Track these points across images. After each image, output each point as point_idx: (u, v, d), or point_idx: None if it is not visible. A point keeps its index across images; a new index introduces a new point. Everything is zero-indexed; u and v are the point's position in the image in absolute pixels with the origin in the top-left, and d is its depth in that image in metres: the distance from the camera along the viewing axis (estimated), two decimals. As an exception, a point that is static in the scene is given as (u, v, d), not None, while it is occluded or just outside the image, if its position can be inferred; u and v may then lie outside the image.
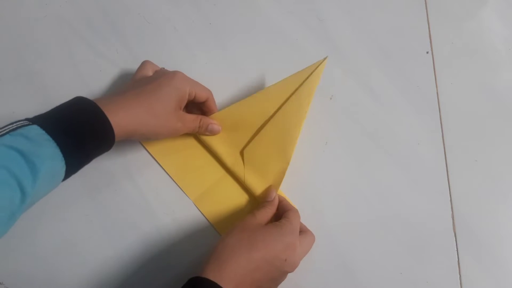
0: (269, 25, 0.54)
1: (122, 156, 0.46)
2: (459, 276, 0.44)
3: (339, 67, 0.52)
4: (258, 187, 0.45)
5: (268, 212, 0.41)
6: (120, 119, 0.37)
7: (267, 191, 0.44)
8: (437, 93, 0.52)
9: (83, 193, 0.44)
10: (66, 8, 0.52)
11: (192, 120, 0.44)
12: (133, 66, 0.50)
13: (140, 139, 0.46)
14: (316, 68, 0.43)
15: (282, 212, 0.42)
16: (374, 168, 0.48)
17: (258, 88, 0.50)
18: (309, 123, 0.49)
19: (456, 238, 0.46)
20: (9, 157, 0.31)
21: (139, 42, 0.52)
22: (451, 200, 0.47)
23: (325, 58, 0.44)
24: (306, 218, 0.45)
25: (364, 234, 0.45)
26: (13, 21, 0.51)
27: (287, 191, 0.46)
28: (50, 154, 0.32)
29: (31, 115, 0.47)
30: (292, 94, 0.44)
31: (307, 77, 0.43)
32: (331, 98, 0.51)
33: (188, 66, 0.51)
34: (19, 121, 0.34)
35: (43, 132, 0.33)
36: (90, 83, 0.49)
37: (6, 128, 0.33)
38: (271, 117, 0.45)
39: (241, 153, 0.46)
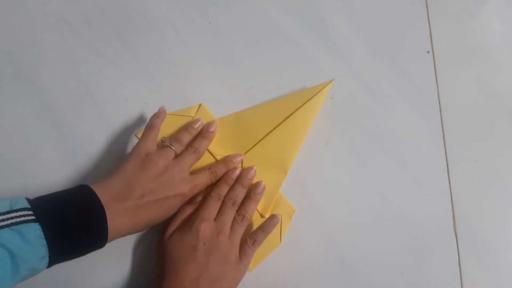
0: (269, 24, 0.54)
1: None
2: (460, 276, 0.44)
3: (339, 67, 0.52)
4: None
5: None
6: (118, 227, 0.36)
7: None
8: (437, 93, 0.52)
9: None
10: (66, 7, 0.52)
11: (203, 181, 0.43)
12: (133, 66, 0.50)
13: None
14: (322, 88, 0.48)
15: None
16: (374, 168, 0.48)
17: (257, 88, 0.50)
18: (309, 123, 0.49)
19: (457, 238, 0.46)
20: None
21: (139, 42, 0.52)
22: (452, 200, 0.47)
23: (332, 80, 0.48)
24: (306, 218, 0.45)
25: (364, 235, 0.45)
26: (13, 21, 0.51)
27: (287, 191, 0.46)
28: (38, 258, 0.32)
29: (31, 115, 0.47)
30: (298, 109, 0.47)
31: (314, 96, 0.47)
32: (331, 98, 0.51)
33: (187, 66, 0.51)
34: (23, 209, 0.33)
35: (42, 235, 0.32)
36: (90, 83, 0.49)
37: (8, 217, 0.32)
38: (275, 128, 0.46)
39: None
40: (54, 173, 0.45)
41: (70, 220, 0.34)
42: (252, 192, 0.44)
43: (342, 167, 0.48)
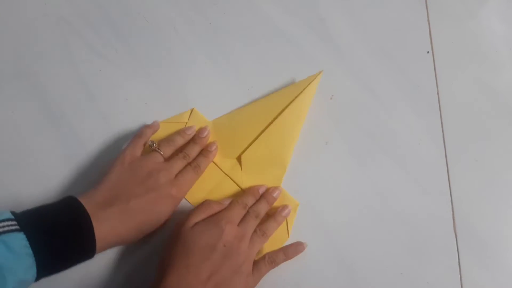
0: (269, 24, 0.54)
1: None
2: (459, 276, 0.44)
3: (339, 67, 0.52)
4: None
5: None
6: (106, 236, 0.36)
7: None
8: (437, 93, 0.52)
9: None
10: (66, 7, 0.52)
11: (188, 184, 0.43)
12: (133, 66, 0.50)
13: None
14: (312, 81, 0.47)
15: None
16: (374, 168, 0.48)
17: (257, 88, 0.50)
18: (309, 123, 0.49)
19: (456, 239, 0.46)
20: None
21: (139, 42, 0.52)
22: (451, 200, 0.47)
23: (320, 72, 0.48)
24: (306, 218, 0.45)
25: (364, 235, 0.45)
26: (13, 21, 0.51)
27: (287, 191, 0.46)
28: (25, 268, 0.32)
29: (30, 115, 0.47)
30: (290, 103, 0.47)
31: (304, 89, 0.47)
32: (331, 98, 0.51)
33: (187, 65, 0.51)
34: (7, 219, 0.32)
35: (27, 244, 0.32)
36: (90, 83, 0.49)
37: None
38: (269, 125, 0.46)
39: (239, 159, 0.46)
40: (54, 172, 0.45)
41: (55, 229, 0.34)
42: (277, 213, 0.43)
43: (342, 167, 0.48)
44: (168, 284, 0.35)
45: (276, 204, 0.45)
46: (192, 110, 0.48)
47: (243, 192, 0.45)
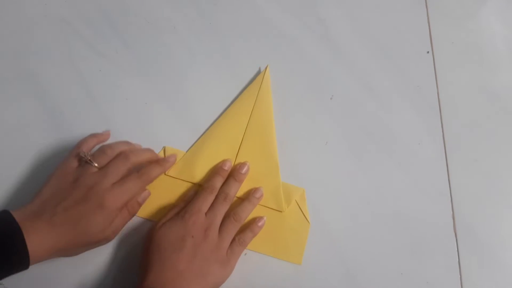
0: (269, 24, 0.54)
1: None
2: (459, 276, 0.44)
3: (339, 67, 0.52)
4: (263, 197, 0.45)
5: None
6: (39, 245, 0.35)
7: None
8: (437, 93, 0.52)
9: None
10: (66, 8, 0.52)
11: (120, 222, 0.39)
12: (133, 66, 0.50)
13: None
14: (263, 77, 0.49)
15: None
16: (374, 168, 0.48)
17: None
18: (309, 123, 0.49)
19: (456, 239, 0.46)
20: None
21: (139, 42, 0.52)
22: (451, 200, 0.47)
23: (266, 66, 0.49)
24: (306, 218, 0.45)
25: (364, 235, 0.45)
26: (13, 21, 0.51)
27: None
28: None
29: (31, 115, 0.47)
30: (254, 106, 0.48)
31: (260, 86, 0.48)
32: (331, 98, 0.51)
33: (187, 65, 0.51)
34: None
35: None
36: (90, 83, 0.49)
37: None
38: (244, 134, 0.47)
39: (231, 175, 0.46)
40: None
41: None
42: (251, 195, 0.44)
43: (342, 167, 0.48)
44: (149, 282, 0.36)
45: (286, 199, 0.45)
46: (164, 149, 0.47)
47: (209, 175, 0.44)
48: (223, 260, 0.39)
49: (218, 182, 0.43)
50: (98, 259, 0.42)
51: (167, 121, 0.48)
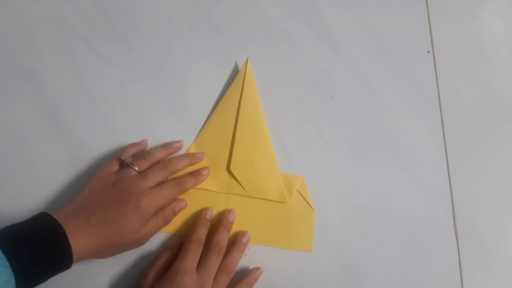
0: (269, 24, 0.54)
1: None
2: (460, 276, 0.44)
3: (339, 67, 0.52)
4: (264, 191, 0.45)
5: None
6: (76, 245, 0.35)
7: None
8: (438, 93, 0.52)
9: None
10: (66, 7, 0.52)
11: (154, 226, 0.40)
12: (133, 66, 0.50)
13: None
14: (245, 71, 0.49)
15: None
16: (374, 168, 0.48)
17: (257, 87, 0.50)
18: (309, 123, 0.49)
19: (457, 239, 0.46)
20: None
21: (139, 41, 0.52)
22: (452, 200, 0.47)
23: (246, 60, 0.49)
24: (306, 218, 0.45)
25: (364, 235, 0.45)
26: (12, 21, 0.51)
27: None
28: (3, 282, 0.31)
29: (30, 114, 0.47)
30: (240, 101, 0.47)
31: (244, 81, 0.48)
32: (331, 98, 0.51)
33: (187, 65, 0.51)
34: None
35: (3, 257, 0.31)
36: (90, 83, 0.49)
37: None
38: (235, 129, 0.47)
39: (230, 174, 0.46)
40: (54, 172, 0.45)
41: (30, 241, 0.33)
42: (238, 242, 0.42)
43: (342, 167, 0.48)
44: None
45: (287, 189, 0.45)
46: None
47: (192, 227, 0.43)
48: None
49: (204, 233, 0.42)
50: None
51: (167, 121, 0.48)
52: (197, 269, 0.39)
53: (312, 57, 0.53)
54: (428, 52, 0.54)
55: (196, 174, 0.44)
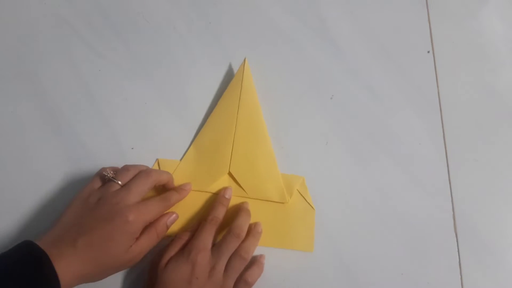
0: (269, 24, 0.54)
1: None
2: (460, 276, 0.44)
3: (339, 67, 0.52)
4: (264, 192, 0.45)
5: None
6: (64, 273, 0.33)
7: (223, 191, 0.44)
8: (438, 92, 0.52)
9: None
10: (66, 7, 0.52)
11: (147, 243, 0.38)
12: (133, 66, 0.50)
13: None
14: (243, 71, 0.48)
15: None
16: (374, 168, 0.48)
17: (257, 87, 0.50)
18: (309, 123, 0.49)
19: (457, 239, 0.45)
20: None
21: (139, 41, 0.52)
22: (452, 200, 0.47)
23: (244, 60, 0.49)
24: (306, 218, 0.45)
25: (364, 235, 0.45)
26: (12, 21, 0.51)
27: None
28: None
29: (30, 115, 0.47)
30: (240, 101, 0.47)
31: (242, 81, 0.48)
32: (331, 98, 0.51)
33: (187, 65, 0.51)
34: None
35: None
36: (90, 82, 0.49)
37: None
38: (235, 130, 0.46)
39: (230, 175, 0.46)
40: (54, 172, 0.45)
41: (12, 271, 0.32)
42: (254, 230, 0.42)
43: (342, 167, 0.48)
44: None
45: (287, 188, 0.45)
46: (157, 162, 0.46)
47: (210, 206, 0.43)
48: None
49: (221, 212, 0.42)
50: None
51: (167, 121, 0.48)
52: (212, 249, 0.39)
53: (312, 57, 0.53)
54: (428, 52, 0.54)
55: (179, 190, 0.43)
